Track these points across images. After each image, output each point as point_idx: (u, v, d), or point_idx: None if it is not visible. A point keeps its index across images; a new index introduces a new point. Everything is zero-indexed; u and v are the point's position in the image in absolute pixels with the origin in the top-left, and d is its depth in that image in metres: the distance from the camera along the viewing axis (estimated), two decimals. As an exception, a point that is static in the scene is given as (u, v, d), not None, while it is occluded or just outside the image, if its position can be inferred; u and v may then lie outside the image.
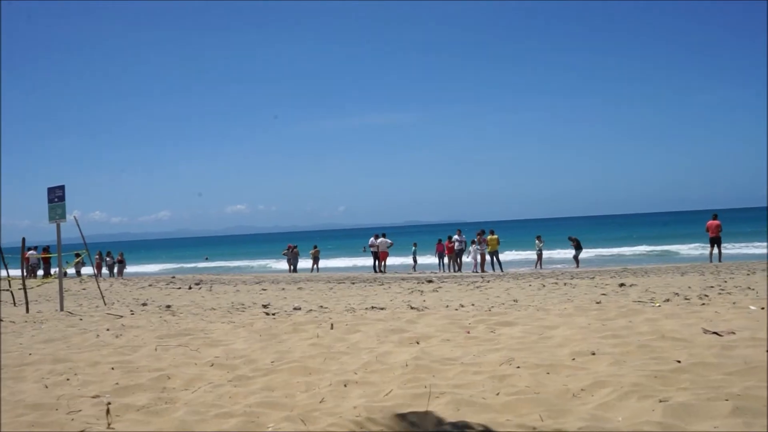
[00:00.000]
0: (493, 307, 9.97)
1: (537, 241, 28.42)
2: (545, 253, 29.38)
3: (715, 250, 24.50)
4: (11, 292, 13.47)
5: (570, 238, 28.35)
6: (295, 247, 31.92)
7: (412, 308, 10.12)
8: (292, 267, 31.53)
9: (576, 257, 27.82)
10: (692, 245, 38.97)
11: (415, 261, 29.71)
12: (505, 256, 30.42)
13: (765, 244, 31.39)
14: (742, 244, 36.13)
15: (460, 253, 27.21)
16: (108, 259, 32.47)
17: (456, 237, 27.24)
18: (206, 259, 58.93)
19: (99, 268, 29.97)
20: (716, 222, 24.56)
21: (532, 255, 31.16)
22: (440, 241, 28.77)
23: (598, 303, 9.67)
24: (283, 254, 32.48)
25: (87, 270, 29.69)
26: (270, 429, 4.06)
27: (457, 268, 27.11)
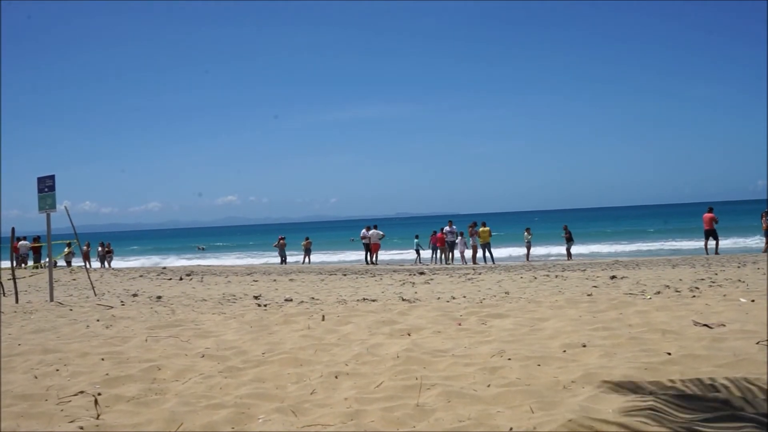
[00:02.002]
0: (484, 299, 9.98)
1: (526, 233, 28.46)
2: (538, 249, 29.41)
3: (711, 243, 24.56)
4: (0, 282, 13.37)
5: (564, 228, 28.17)
6: (283, 238, 31.82)
7: (403, 300, 10.12)
8: (281, 259, 31.39)
9: (568, 249, 27.82)
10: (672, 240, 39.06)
11: (418, 253, 29.60)
12: (501, 251, 30.46)
13: (759, 237, 31.43)
14: (738, 239, 36.19)
15: (452, 245, 27.17)
16: (99, 249, 32.28)
17: (447, 229, 27.18)
18: (202, 249, 57.50)
19: (87, 258, 29.79)
20: (710, 215, 24.63)
21: (523, 249, 31.10)
22: (435, 232, 28.72)
23: (589, 295, 9.70)
24: (275, 246, 32.42)
25: (77, 261, 29.54)
26: (260, 420, 4.06)
27: (448, 260, 27.09)
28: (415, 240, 29.73)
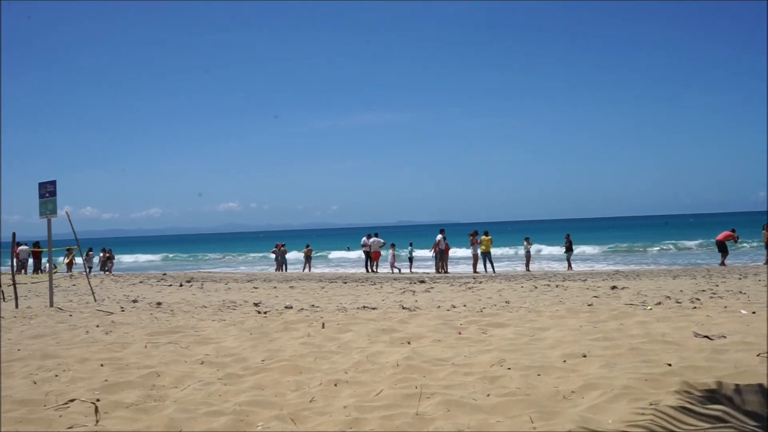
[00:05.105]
0: (484, 308, 9.97)
1: (525, 243, 28.37)
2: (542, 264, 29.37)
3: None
4: (0, 287, 13.37)
5: (566, 237, 28.00)
6: (283, 245, 31.77)
7: (403, 308, 10.11)
8: (279, 266, 31.25)
9: (568, 259, 27.68)
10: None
11: (411, 261, 29.57)
12: (507, 265, 30.39)
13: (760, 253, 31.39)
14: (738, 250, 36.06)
15: (442, 253, 27.12)
16: (101, 254, 32.24)
17: (439, 237, 27.10)
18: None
19: (70, 265, 29.86)
20: (725, 231, 25.50)
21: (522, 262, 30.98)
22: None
23: (589, 305, 9.69)
24: (272, 252, 32.38)
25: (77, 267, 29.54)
26: (259, 428, 4.04)
27: (440, 269, 26.93)
28: (409, 248, 29.65)
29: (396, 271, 27.62)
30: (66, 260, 29.63)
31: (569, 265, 27.40)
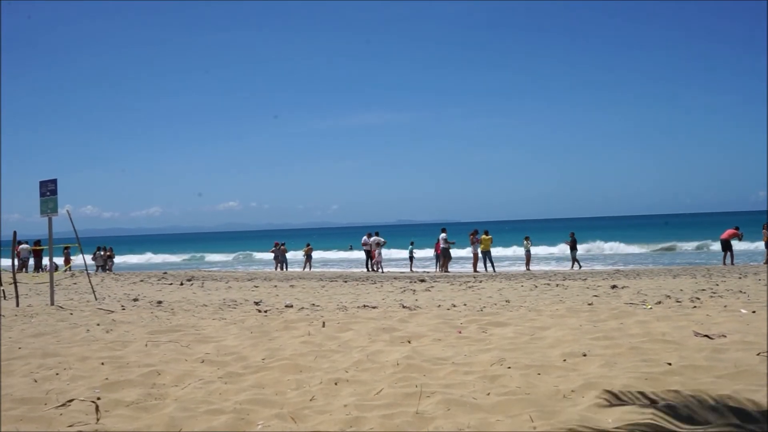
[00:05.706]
0: (485, 307, 9.97)
1: (525, 242, 28.34)
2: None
3: (728, 256, 25.15)
4: (1, 285, 13.37)
5: (571, 234, 27.90)
6: (283, 244, 31.77)
7: (404, 307, 10.11)
8: (280, 266, 31.24)
9: (574, 257, 27.51)
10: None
11: (411, 260, 29.59)
12: (508, 266, 30.41)
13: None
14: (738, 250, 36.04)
15: (446, 252, 27.11)
16: (102, 253, 32.24)
17: (443, 236, 27.08)
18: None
19: (67, 263, 29.85)
20: (730, 230, 25.53)
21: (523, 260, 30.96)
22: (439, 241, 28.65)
23: (590, 304, 9.69)
24: (271, 251, 32.36)
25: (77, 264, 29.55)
26: (260, 426, 4.05)
27: (443, 268, 26.92)
28: (410, 246, 29.65)
29: (380, 270, 27.72)
30: (66, 266, 29.61)
31: (573, 263, 27.31)
